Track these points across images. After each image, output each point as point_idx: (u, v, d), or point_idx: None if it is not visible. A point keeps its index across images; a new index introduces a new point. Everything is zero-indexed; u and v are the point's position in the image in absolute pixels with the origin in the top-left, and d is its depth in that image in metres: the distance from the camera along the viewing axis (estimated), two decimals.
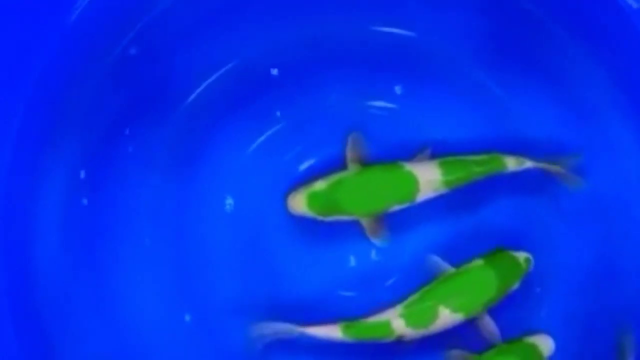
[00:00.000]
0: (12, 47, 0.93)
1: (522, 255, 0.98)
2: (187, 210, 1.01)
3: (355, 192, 0.97)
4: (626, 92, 0.98)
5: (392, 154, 1.00)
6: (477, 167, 0.97)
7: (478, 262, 0.97)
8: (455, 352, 0.96)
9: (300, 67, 1.00)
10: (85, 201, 0.99)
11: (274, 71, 1.01)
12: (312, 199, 0.97)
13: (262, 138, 1.02)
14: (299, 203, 0.97)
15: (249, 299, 1.00)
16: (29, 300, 0.96)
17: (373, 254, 1.01)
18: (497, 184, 0.99)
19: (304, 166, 1.01)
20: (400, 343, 0.96)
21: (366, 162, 0.99)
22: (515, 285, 0.98)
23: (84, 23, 0.96)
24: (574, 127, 1.00)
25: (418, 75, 1.01)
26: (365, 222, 0.98)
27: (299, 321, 0.96)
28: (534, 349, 0.96)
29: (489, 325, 0.97)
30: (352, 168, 0.99)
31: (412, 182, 0.97)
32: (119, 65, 0.98)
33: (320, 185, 0.97)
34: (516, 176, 0.99)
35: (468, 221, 1.01)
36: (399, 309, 0.95)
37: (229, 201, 1.01)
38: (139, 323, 0.99)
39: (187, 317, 1.00)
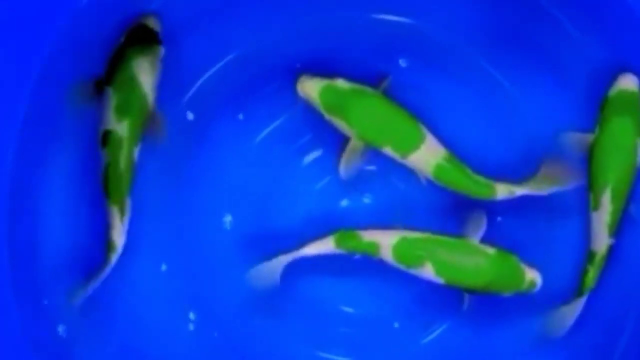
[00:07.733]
0: (12, 45, 0.93)
1: (530, 274, 0.96)
2: (190, 205, 1.01)
3: (367, 110, 0.96)
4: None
5: None
6: (470, 183, 0.96)
7: (488, 250, 0.96)
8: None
9: (299, 57, 1.00)
10: (87, 196, 0.98)
11: (274, 63, 1.00)
12: (328, 90, 0.96)
13: (267, 130, 1.01)
14: (312, 88, 0.96)
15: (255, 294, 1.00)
16: (32, 296, 0.96)
17: None
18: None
19: (309, 158, 1.01)
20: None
21: None
22: (506, 294, 0.96)
23: (85, 15, 0.95)
24: (577, 113, 0.99)
25: (419, 62, 1.00)
26: (354, 144, 0.97)
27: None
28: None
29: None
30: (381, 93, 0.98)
31: (417, 141, 0.96)
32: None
33: (342, 83, 0.96)
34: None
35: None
36: (394, 239, 0.95)
37: (231, 215, 1.01)
38: (143, 321, 1.00)
39: (192, 316, 1.00)
